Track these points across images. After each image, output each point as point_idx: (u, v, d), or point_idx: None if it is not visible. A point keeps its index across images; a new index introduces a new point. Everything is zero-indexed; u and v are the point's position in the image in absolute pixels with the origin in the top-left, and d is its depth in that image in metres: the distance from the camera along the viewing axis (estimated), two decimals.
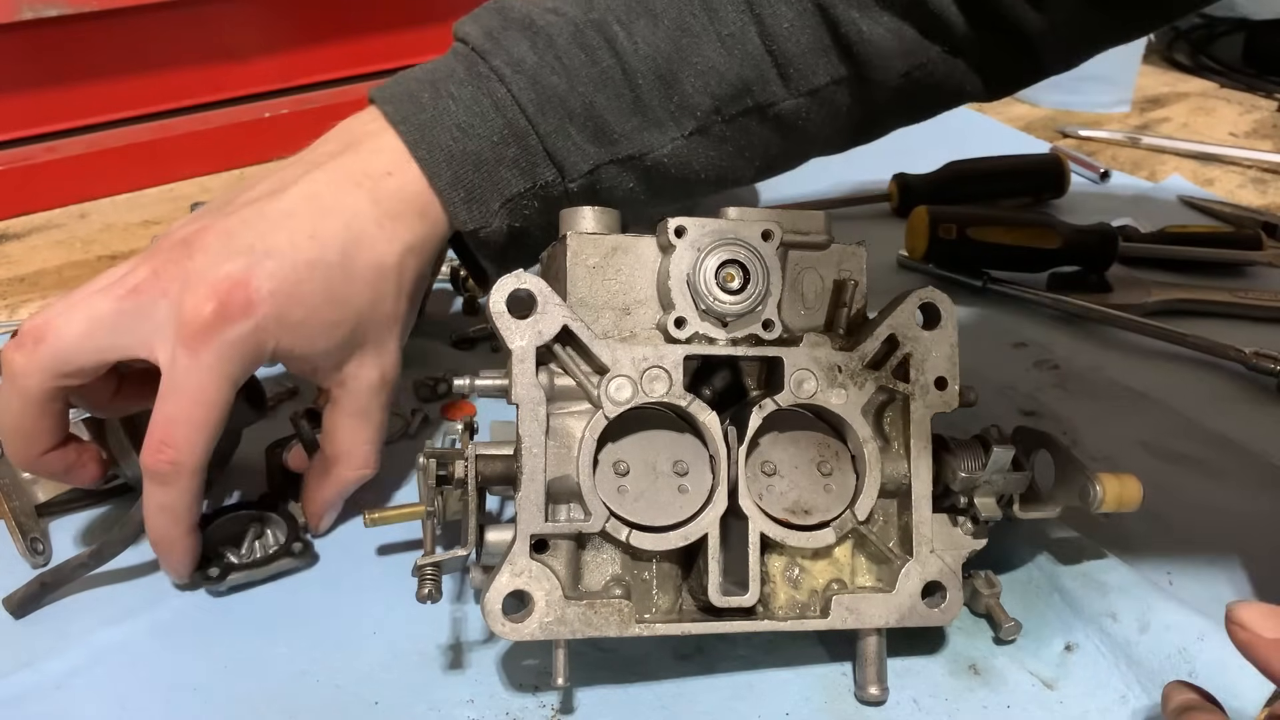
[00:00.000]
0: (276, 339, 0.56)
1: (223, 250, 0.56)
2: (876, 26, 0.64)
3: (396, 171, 0.61)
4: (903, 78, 0.66)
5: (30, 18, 0.99)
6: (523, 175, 0.63)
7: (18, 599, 0.59)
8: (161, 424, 0.55)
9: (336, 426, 0.62)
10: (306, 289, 0.57)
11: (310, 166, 0.61)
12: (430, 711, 0.55)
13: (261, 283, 0.55)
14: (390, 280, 0.60)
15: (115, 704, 0.55)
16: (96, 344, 0.55)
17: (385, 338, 0.61)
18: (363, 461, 0.63)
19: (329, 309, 0.58)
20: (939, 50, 0.66)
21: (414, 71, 0.64)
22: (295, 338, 0.57)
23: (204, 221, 0.58)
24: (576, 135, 0.63)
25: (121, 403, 0.61)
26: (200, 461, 0.56)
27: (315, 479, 0.64)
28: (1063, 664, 0.58)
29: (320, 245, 0.57)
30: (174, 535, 0.58)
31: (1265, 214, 1.07)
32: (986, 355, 0.84)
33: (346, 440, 0.62)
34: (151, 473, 0.56)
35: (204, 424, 0.55)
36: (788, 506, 0.56)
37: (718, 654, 0.58)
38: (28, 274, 0.95)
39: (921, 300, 0.57)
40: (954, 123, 1.29)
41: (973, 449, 0.58)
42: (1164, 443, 0.75)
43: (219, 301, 0.54)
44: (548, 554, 0.53)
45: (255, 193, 0.60)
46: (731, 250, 0.54)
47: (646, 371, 0.54)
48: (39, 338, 0.55)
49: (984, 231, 0.92)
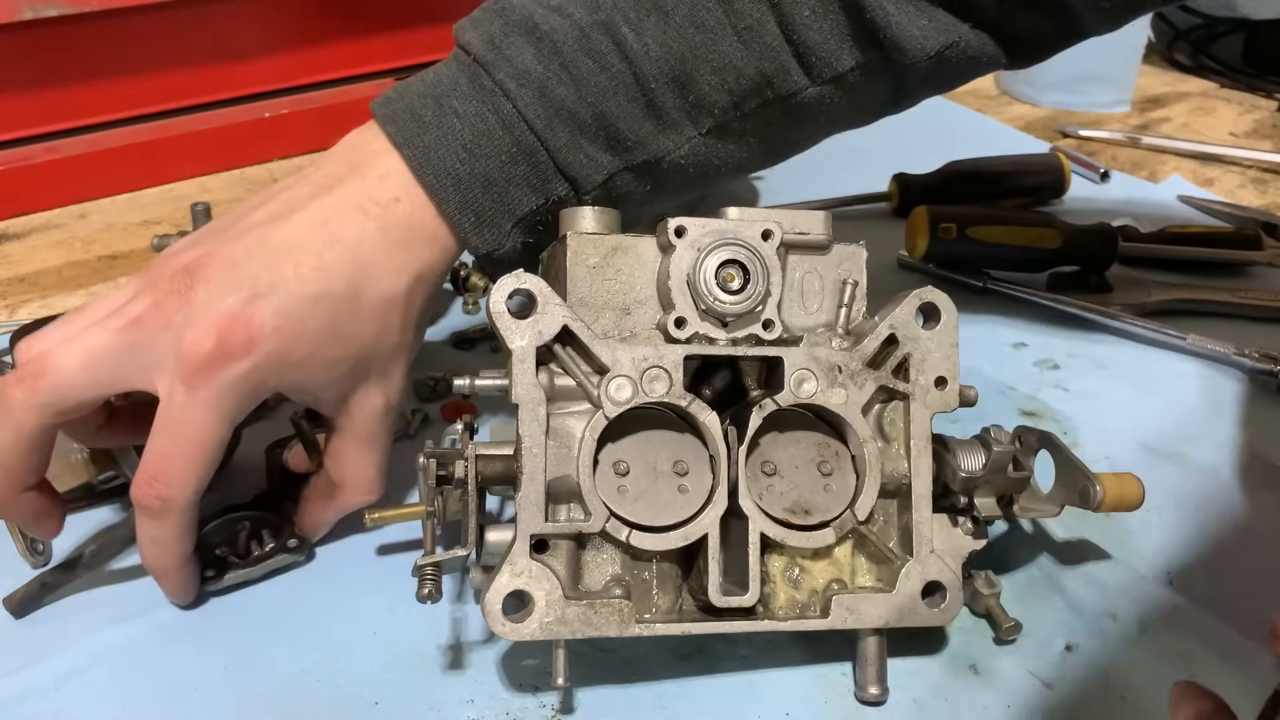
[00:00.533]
0: (278, 376, 0.55)
1: (225, 282, 0.54)
2: (905, 8, 0.61)
3: (404, 197, 0.59)
4: (933, 58, 0.63)
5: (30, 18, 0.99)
6: (534, 193, 0.61)
7: (18, 599, 0.59)
8: (154, 459, 0.54)
9: (341, 452, 0.61)
10: (311, 325, 0.55)
11: (316, 189, 0.58)
12: (430, 711, 0.55)
13: (265, 319, 0.54)
14: (398, 312, 0.59)
15: (115, 704, 0.55)
16: (95, 378, 0.54)
17: (390, 367, 0.60)
18: (368, 487, 0.62)
19: (333, 344, 0.57)
20: (970, 27, 0.63)
21: (415, 83, 0.62)
22: (298, 374, 0.56)
23: (207, 247, 0.56)
24: (588, 147, 0.61)
25: (110, 434, 0.60)
26: (192, 499, 0.55)
27: (317, 498, 0.63)
28: (1063, 664, 0.58)
29: (327, 278, 0.56)
30: (167, 565, 0.57)
31: (1265, 214, 1.07)
32: (986, 355, 0.84)
33: (351, 467, 0.61)
34: (142, 507, 0.55)
35: (197, 461, 0.54)
36: (788, 506, 0.56)
37: (718, 654, 0.58)
38: (28, 274, 0.95)
39: (921, 300, 0.57)
40: (954, 123, 1.30)
41: (973, 449, 0.58)
42: (1164, 443, 0.75)
43: (219, 339, 0.53)
44: (548, 554, 0.53)
45: (260, 215, 0.58)
46: (732, 250, 0.54)
47: (646, 371, 0.54)
48: (38, 372, 0.54)
49: (984, 231, 0.92)
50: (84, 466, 0.66)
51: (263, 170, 1.14)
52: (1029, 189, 1.09)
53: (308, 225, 0.57)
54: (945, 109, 1.34)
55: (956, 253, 0.92)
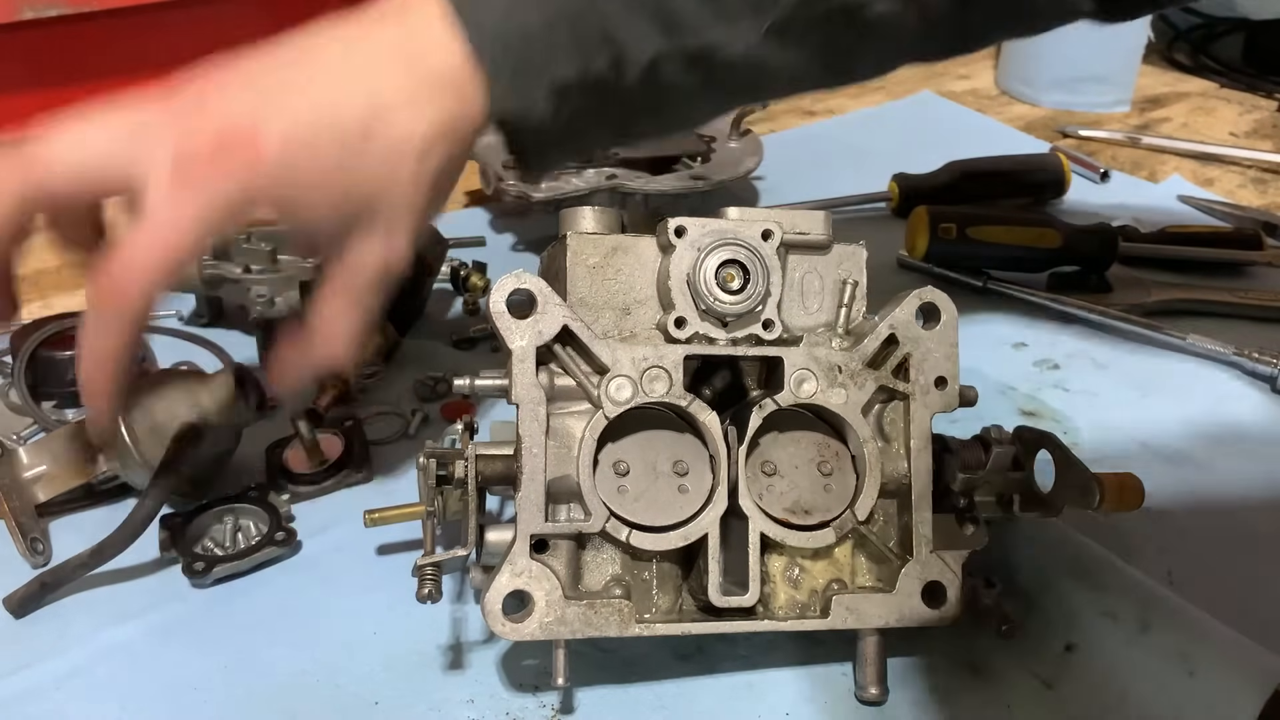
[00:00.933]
0: (273, 196, 0.53)
1: (239, 96, 0.52)
2: None
3: (435, 44, 0.56)
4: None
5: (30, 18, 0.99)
6: (575, 59, 0.56)
7: (18, 599, 0.59)
8: (121, 255, 0.51)
9: (324, 302, 0.58)
10: (318, 151, 0.53)
11: (348, 28, 0.56)
12: (430, 711, 0.55)
13: (271, 135, 0.51)
14: (410, 160, 0.55)
15: (115, 704, 0.55)
16: (85, 157, 0.52)
17: (396, 224, 0.56)
18: (336, 347, 0.58)
19: (338, 176, 0.53)
20: None
21: None
22: (295, 200, 0.54)
23: (229, 65, 0.54)
24: (639, 18, 0.56)
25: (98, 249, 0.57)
26: (146, 306, 0.52)
27: (288, 344, 0.59)
28: (1063, 664, 0.58)
29: (342, 111, 0.53)
30: (99, 382, 0.54)
31: (1265, 214, 1.07)
32: (986, 355, 0.84)
33: (329, 319, 0.58)
34: (94, 306, 0.52)
35: (164, 263, 0.51)
36: (788, 506, 0.56)
37: (718, 654, 0.58)
38: (28, 274, 0.95)
39: (921, 300, 0.57)
40: (954, 123, 1.30)
41: (973, 449, 0.58)
42: (1164, 443, 0.75)
43: (219, 142, 0.51)
44: (548, 554, 0.53)
45: (291, 48, 0.55)
46: (732, 250, 0.54)
47: (646, 371, 0.54)
48: (30, 152, 0.52)
49: (984, 231, 0.92)
50: (84, 466, 0.66)
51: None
52: (1029, 189, 1.09)
53: (333, 59, 0.55)
54: (945, 109, 1.34)
55: (956, 253, 0.92)
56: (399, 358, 0.83)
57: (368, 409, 0.77)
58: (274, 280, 0.78)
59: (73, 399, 0.74)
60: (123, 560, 0.61)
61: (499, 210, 1.05)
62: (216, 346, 0.82)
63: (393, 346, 0.82)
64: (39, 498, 0.65)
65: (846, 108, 1.32)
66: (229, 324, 0.86)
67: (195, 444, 0.63)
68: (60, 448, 0.66)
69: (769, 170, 1.07)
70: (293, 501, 0.68)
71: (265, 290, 0.77)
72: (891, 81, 1.39)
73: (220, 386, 0.66)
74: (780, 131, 1.23)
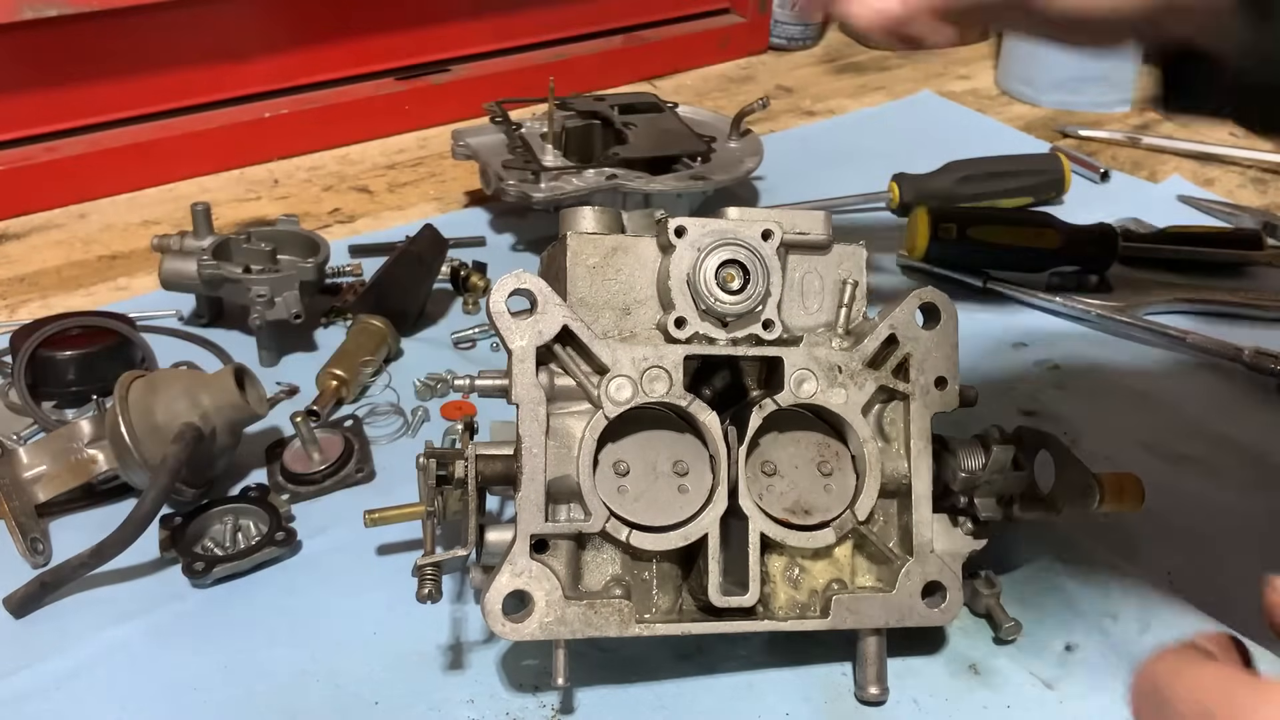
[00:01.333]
0: None
1: None
2: None
3: None
4: None
5: (30, 18, 0.99)
6: None
7: (18, 599, 0.59)
8: None
9: None
10: None
11: None
12: (430, 711, 0.55)
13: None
14: None
15: (115, 704, 0.55)
16: None
17: None
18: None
19: None
20: None
21: None
22: None
23: None
24: None
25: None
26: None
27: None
28: (1063, 664, 0.58)
29: None
30: None
31: (1265, 214, 1.07)
32: (986, 355, 0.84)
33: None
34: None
35: None
36: (788, 506, 0.56)
37: (718, 654, 0.58)
38: (28, 274, 0.95)
39: (921, 300, 0.57)
40: (954, 123, 1.30)
41: (973, 449, 0.58)
42: (1164, 443, 0.75)
43: None
44: (548, 554, 0.53)
45: None
46: (732, 250, 0.54)
47: (646, 371, 0.54)
48: None
49: (984, 231, 0.92)
50: (84, 466, 0.66)
51: (263, 170, 1.14)
52: (1029, 189, 1.09)
53: None
54: (945, 109, 1.34)
55: (956, 253, 0.92)
56: (399, 358, 0.83)
57: (367, 409, 0.77)
58: (274, 280, 0.78)
59: (73, 399, 0.74)
60: (123, 560, 0.61)
61: (499, 210, 1.04)
62: (216, 346, 0.83)
63: (392, 346, 0.82)
64: (39, 498, 0.65)
65: (846, 108, 1.32)
66: (229, 324, 0.86)
67: (195, 444, 0.63)
68: (60, 448, 0.66)
69: (769, 170, 1.07)
70: (293, 501, 0.68)
71: (265, 290, 0.77)
72: (892, 81, 1.39)
73: (220, 386, 0.66)
74: (780, 131, 1.23)
